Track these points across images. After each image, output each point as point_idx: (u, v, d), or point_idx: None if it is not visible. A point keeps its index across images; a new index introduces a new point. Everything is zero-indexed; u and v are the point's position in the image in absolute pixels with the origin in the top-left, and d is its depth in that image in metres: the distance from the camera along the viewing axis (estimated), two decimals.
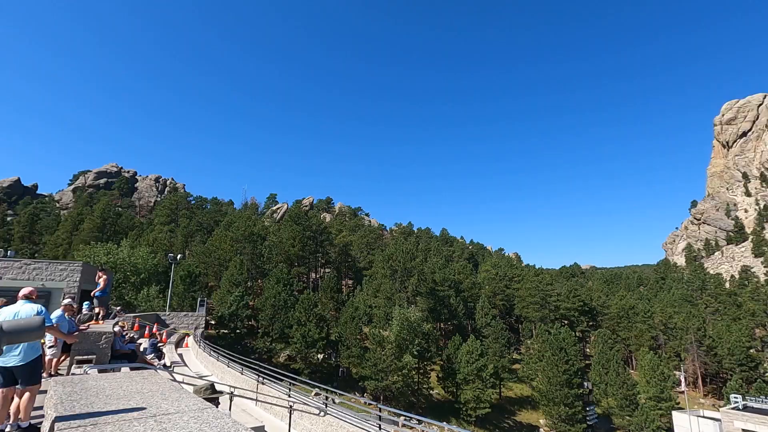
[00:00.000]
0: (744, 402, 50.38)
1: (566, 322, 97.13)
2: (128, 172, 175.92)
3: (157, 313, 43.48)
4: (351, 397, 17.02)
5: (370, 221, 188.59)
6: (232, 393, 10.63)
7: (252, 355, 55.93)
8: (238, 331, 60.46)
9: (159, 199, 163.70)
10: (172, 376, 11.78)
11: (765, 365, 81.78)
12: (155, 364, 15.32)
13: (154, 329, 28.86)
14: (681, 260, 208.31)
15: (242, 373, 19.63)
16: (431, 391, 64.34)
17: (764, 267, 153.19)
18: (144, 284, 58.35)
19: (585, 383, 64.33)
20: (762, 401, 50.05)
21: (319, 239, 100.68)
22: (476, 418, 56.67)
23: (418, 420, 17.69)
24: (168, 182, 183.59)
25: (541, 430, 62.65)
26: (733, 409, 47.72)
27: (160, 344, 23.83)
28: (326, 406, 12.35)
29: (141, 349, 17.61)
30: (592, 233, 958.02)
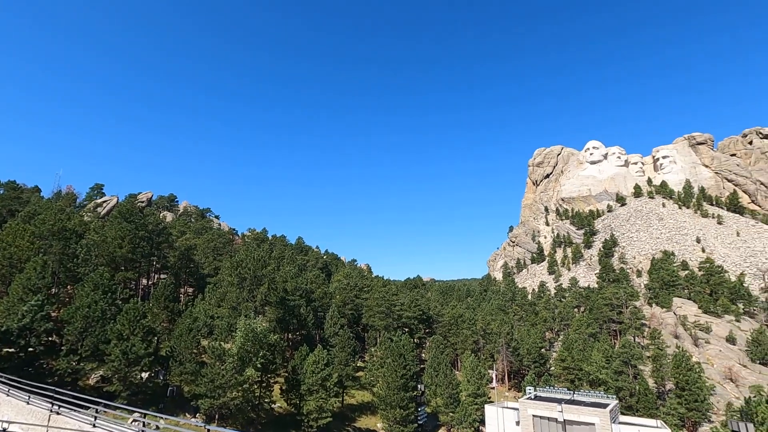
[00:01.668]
0: (536, 393, 61.67)
1: (407, 329, 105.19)
2: None
3: None
4: (178, 421, 15.04)
5: (220, 224, 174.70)
6: (4, 430, 8.28)
7: (50, 379, 45.49)
8: (31, 349, 48.43)
9: None
10: None
11: (551, 362, 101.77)
12: None
13: None
14: (499, 276, 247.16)
15: (29, 403, 15.65)
16: (273, 405, 61.84)
17: (555, 283, 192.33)
18: None
19: (419, 386, 70.24)
20: (547, 391, 62.04)
21: (155, 240, 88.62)
22: (318, 429, 56.47)
23: None
24: None
25: None
26: (527, 399, 57.89)
27: None
28: None
29: None
30: (434, 249, 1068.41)
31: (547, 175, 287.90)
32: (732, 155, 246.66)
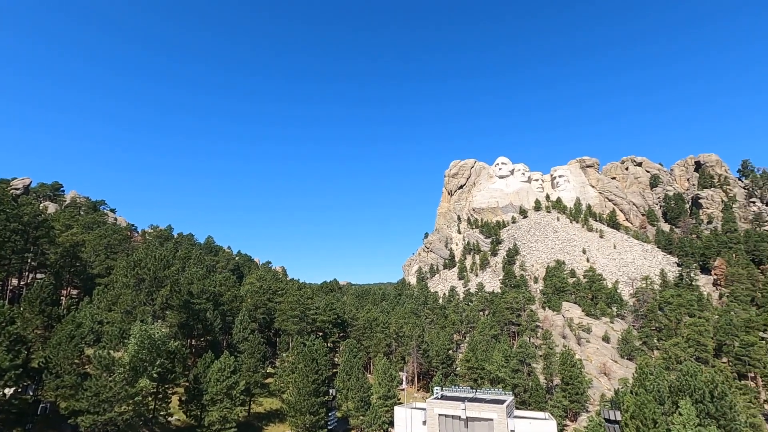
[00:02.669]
0: (442, 392, 64.54)
1: (321, 333, 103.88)
2: None
3: None
4: None
5: (116, 219, 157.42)
6: None
7: None
8: None
9: None
10: None
11: (457, 362, 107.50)
12: None
13: None
14: (414, 280, 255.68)
15: None
16: (170, 418, 56.84)
17: (464, 287, 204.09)
18: None
19: (330, 390, 69.67)
20: (453, 390, 65.31)
21: (32, 235, 76.93)
22: None
23: None
24: None
25: None
26: (434, 399, 60.34)
27: None
28: None
29: None
30: (352, 254, 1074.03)
31: (461, 186, 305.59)
32: (612, 178, 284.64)
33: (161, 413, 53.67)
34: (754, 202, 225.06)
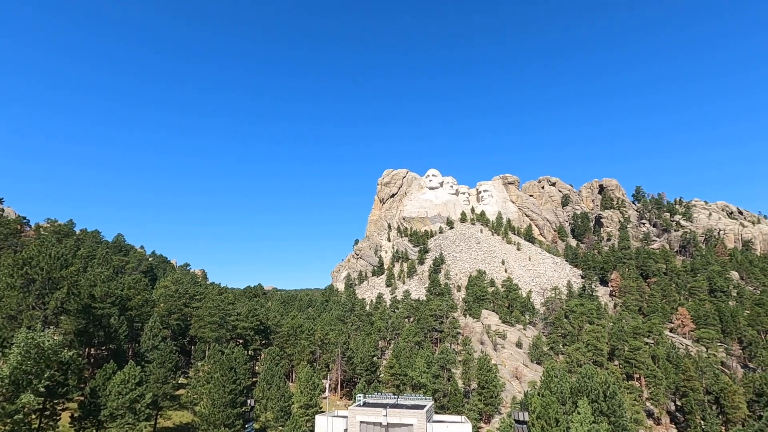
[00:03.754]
0: (365, 399, 64.50)
1: (241, 341, 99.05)
2: None
3: None
4: None
5: (2, 210, 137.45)
6: None
7: None
8: None
9: None
10: None
11: (381, 369, 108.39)
12: None
13: None
14: (342, 286, 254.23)
15: None
16: None
17: (391, 295, 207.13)
18: None
19: (249, 401, 66.37)
20: (375, 397, 65.60)
21: None
22: None
23: None
24: None
25: None
26: (356, 406, 60.09)
27: None
28: None
29: None
30: (279, 258, 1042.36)
31: (393, 195, 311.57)
32: (530, 196, 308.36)
33: None
34: (644, 224, 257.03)
